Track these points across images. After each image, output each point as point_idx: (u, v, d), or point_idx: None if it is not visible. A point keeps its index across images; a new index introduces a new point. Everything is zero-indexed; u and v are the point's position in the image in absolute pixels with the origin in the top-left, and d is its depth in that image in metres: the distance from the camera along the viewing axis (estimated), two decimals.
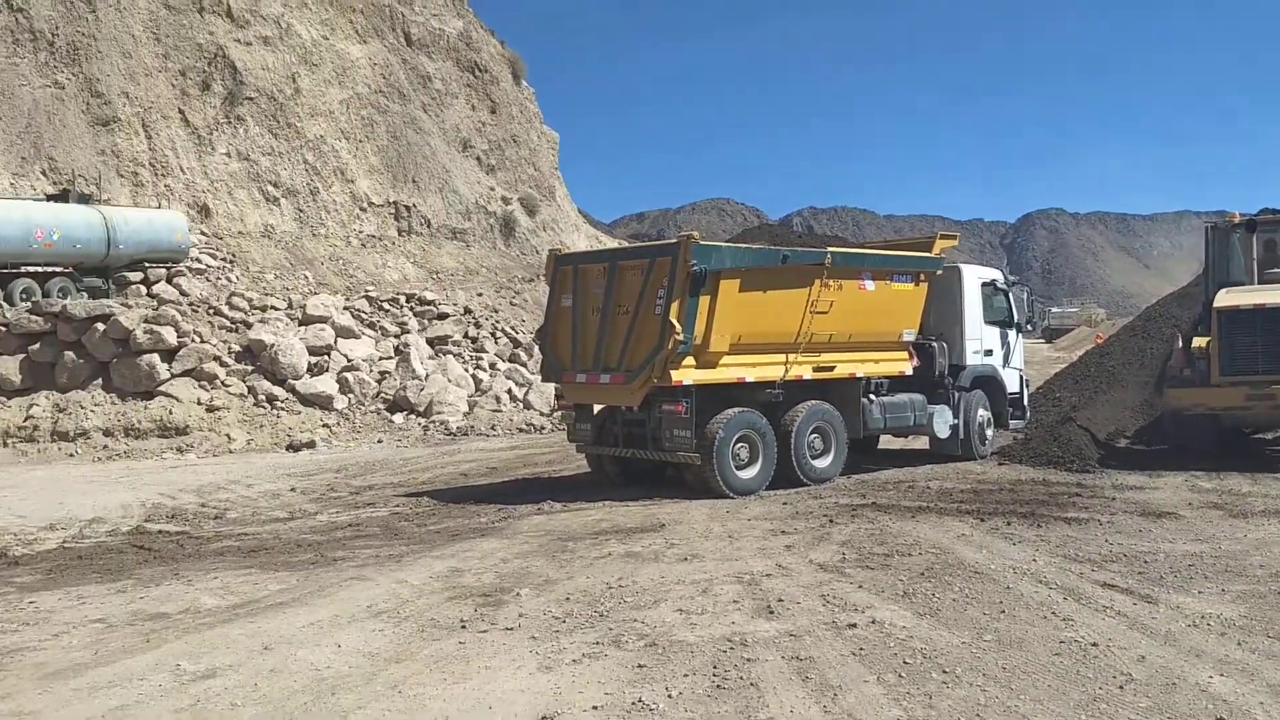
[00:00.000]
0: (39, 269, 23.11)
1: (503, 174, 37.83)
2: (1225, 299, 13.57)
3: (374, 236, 31.63)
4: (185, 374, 19.82)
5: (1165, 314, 16.61)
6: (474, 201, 35.32)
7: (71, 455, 17.83)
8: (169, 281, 25.45)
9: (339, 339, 22.46)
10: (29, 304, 21.08)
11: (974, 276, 15.40)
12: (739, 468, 12.17)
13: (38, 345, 19.72)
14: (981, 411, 15.14)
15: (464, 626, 6.66)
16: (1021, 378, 16.18)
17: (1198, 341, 13.94)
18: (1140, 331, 16.67)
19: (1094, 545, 8.76)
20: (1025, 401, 16.20)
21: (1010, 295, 15.93)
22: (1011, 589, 7.30)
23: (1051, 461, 13.90)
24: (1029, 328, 17.06)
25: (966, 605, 6.89)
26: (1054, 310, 73.76)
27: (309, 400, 20.38)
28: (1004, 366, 15.62)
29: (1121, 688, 5.24)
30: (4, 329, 19.81)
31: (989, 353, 15.36)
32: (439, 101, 36.04)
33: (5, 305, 21.20)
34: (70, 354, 19.63)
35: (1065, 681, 5.35)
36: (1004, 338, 15.67)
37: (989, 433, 15.33)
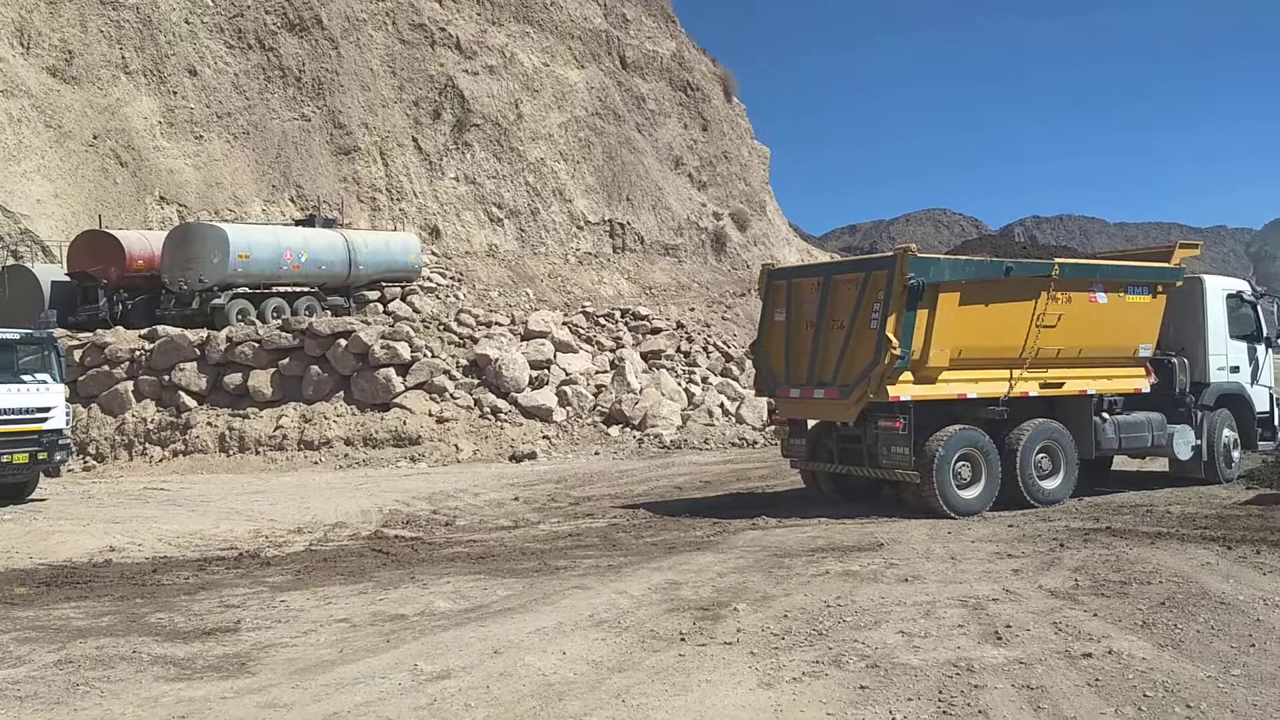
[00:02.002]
0: (288, 289, 25.10)
1: (714, 190, 38.24)
2: None
3: (590, 254, 32.69)
4: (417, 387, 21.03)
5: None
6: (685, 218, 35.88)
7: (316, 463, 19.27)
8: (403, 299, 27.13)
9: (558, 353, 23.30)
10: (279, 321, 22.87)
11: (1218, 288, 14.41)
12: (960, 487, 11.84)
13: (286, 360, 21.37)
14: (1227, 432, 14.11)
15: (683, 639, 6.79)
16: (1271, 396, 14.97)
17: None
18: None
19: None
20: (1276, 422, 14.96)
21: (1258, 308, 14.79)
22: (1262, 621, 6.80)
23: None
24: (1279, 343, 15.74)
25: (1212, 638, 6.47)
26: None
27: (530, 412, 21.23)
28: (1252, 384, 14.53)
29: None
30: (257, 345, 21.60)
31: (1235, 369, 14.32)
32: (652, 121, 36.87)
33: (258, 323, 23.09)
34: (316, 368, 21.20)
35: None
36: (1251, 353, 14.58)
37: (1235, 455, 14.26)
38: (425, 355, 21.57)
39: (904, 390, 11.59)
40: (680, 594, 8.12)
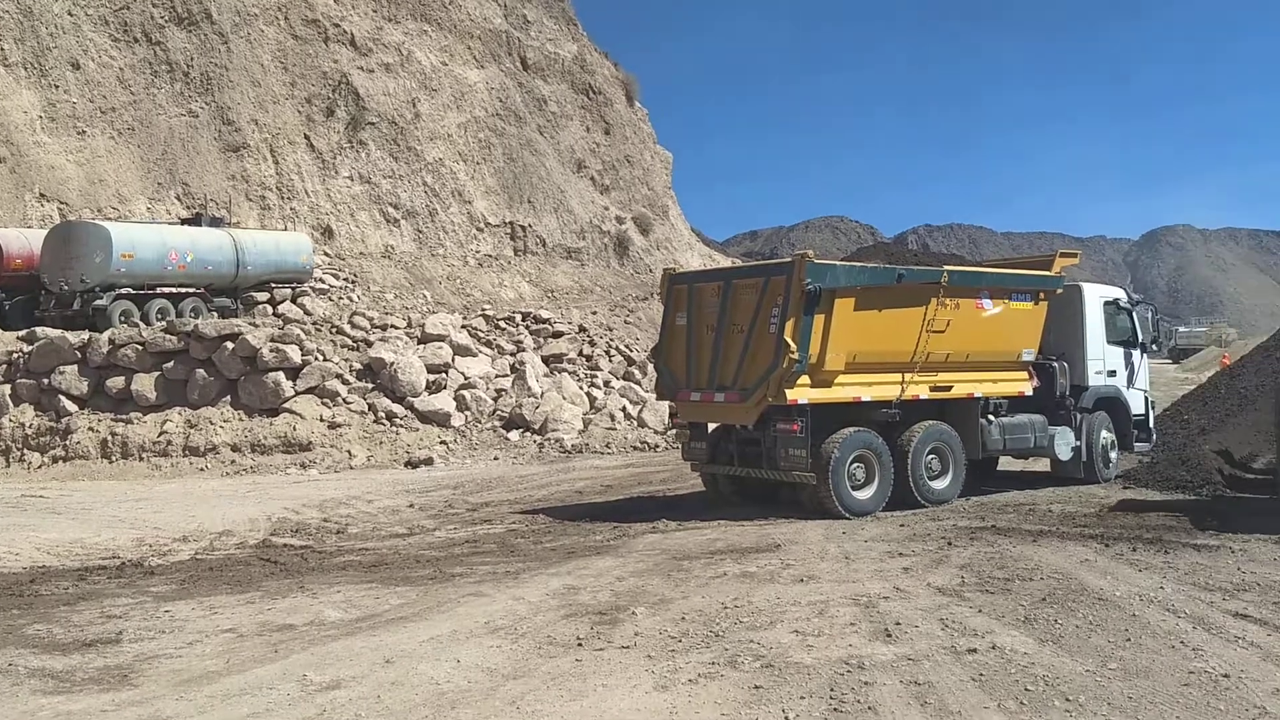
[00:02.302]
0: (173, 290, 24.30)
1: (617, 194, 38.32)
2: None
3: (490, 256, 32.40)
4: (309, 391, 20.53)
5: None
6: (588, 221, 35.88)
7: (202, 470, 18.67)
8: (294, 301, 26.48)
9: (456, 357, 23.02)
10: (164, 323, 22.10)
11: (1096, 295, 15.01)
12: (855, 488, 12.08)
13: (171, 363, 20.64)
14: (1105, 433, 14.71)
15: (580, 644, 6.77)
16: (1146, 399, 15.66)
17: None
18: (1276, 351, 15.87)
19: (1225, 573, 8.43)
20: (1151, 424, 15.66)
21: (1134, 314, 15.46)
22: (1138, 617, 7.09)
23: (1179, 486, 13.41)
24: (1154, 348, 16.49)
25: (1091, 632, 6.72)
26: (1181, 330, 70.79)
27: (427, 417, 20.93)
28: (1128, 387, 15.16)
29: None
30: (140, 347, 20.84)
31: (1112, 373, 14.93)
32: (554, 123, 36.76)
33: (142, 325, 22.29)
34: (201, 372, 20.51)
35: (1194, 713, 5.19)
36: (1128, 358, 15.21)
37: (1113, 455, 14.88)
38: (317, 359, 21.08)
39: (802, 394, 11.77)
40: (578, 599, 8.09)
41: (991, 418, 13.45)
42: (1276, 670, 5.84)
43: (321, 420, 20.12)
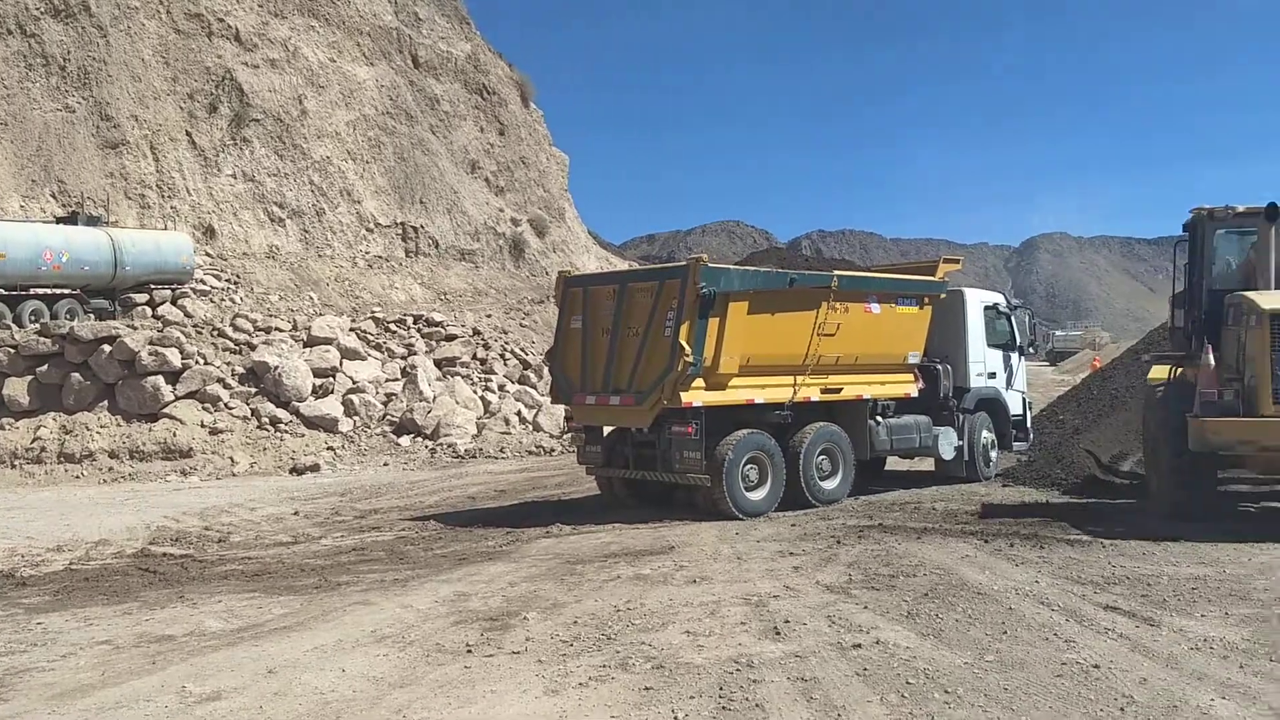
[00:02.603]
0: (48, 291, 23.26)
1: (512, 195, 38.02)
2: (1277, 300, 10.57)
3: (380, 257, 31.79)
4: (189, 396, 19.90)
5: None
6: (483, 223, 35.50)
7: (78, 477, 17.91)
8: (174, 303, 25.57)
9: (344, 361, 22.55)
10: (38, 326, 21.21)
11: (976, 300, 15.52)
12: (748, 489, 12.22)
13: (45, 367, 19.81)
14: (985, 433, 15.22)
15: (470, 651, 6.69)
16: (1024, 400, 16.25)
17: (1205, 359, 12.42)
18: (1145, 354, 16.63)
19: (1097, 567, 8.78)
20: (1028, 424, 16.27)
21: (1013, 318, 16.04)
22: (1014, 610, 7.33)
23: (1054, 483, 13.94)
24: (1031, 350, 17.15)
25: (969, 626, 6.92)
26: (1058, 333, 73.78)
27: (313, 423, 20.45)
28: (1007, 389, 15.71)
29: (1123, 710, 5.26)
30: (13, 350, 19.92)
31: (992, 375, 15.45)
32: (447, 123, 36.27)
33: (14, 327, 21.32)
34: (77, 376, 19.72)
35: (1066, 703, 5.38)
36: (1007, 360, 15.77)
37: (993, 454, 15.40)
38: (198, 362, 20.41)
39: (696, 396, 11.86)
40: (469, 605, 7.99)
41: (879, 419, 13.79)
42: (1143, 660, 6.09)
43: (203, 426, 19.49)
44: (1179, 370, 12.39)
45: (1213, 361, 10.44)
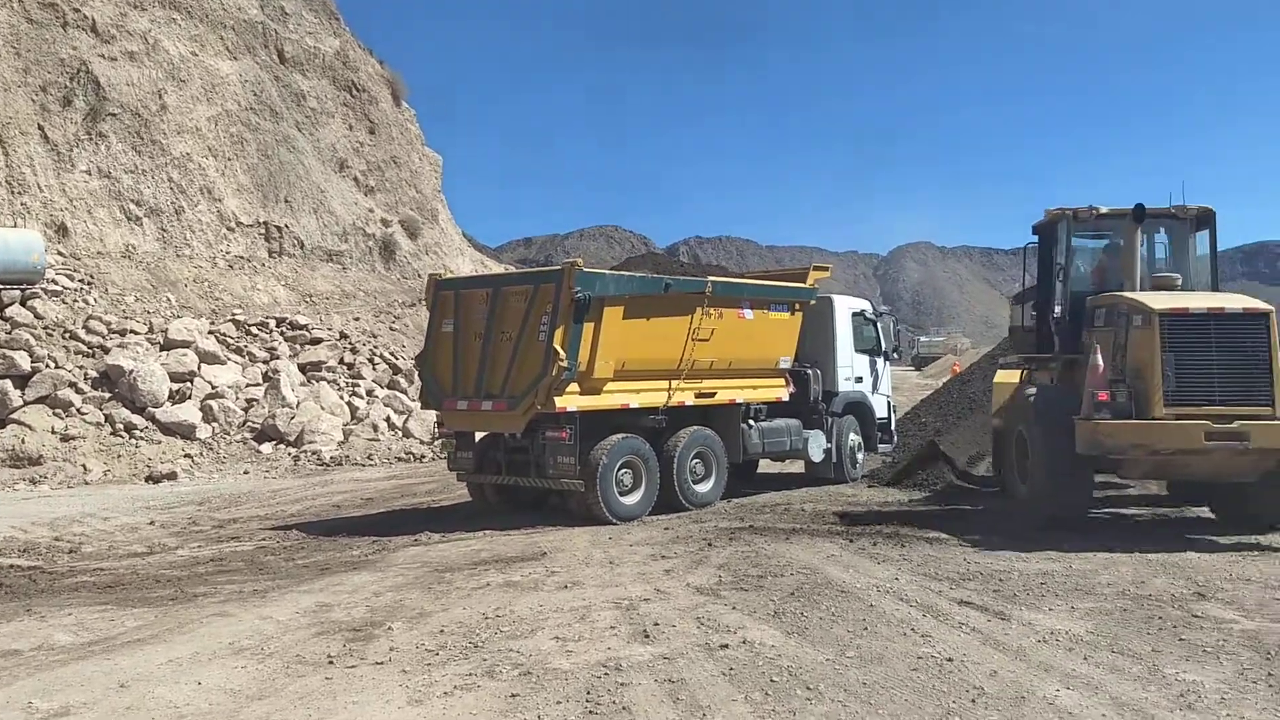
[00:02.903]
0: None
1: (382, 195, 37.18)
2: (1167, 301, 10.40)
3: (242, 258, 30.69)
4: (39, 401, 18.92)
5: None
6: (351, 223, 34.61)
7: None
8: (23, 304, 24.11)
9: (203, 365, 21.72)
10: None
11: (845, 307, 15.97)
12: (622, 494, 12.25)
13: None
14: (852, 436, 15.66)
15: (331, 662, 6.51)
16: (889, 403, 16.78)
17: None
18: (1001, 359, 17.36)
19: (953, 564, 9.11)
20: (893, 426, 16.80)
21: (879, 325, 16.55)
22: (875, 607, 7.54)
23: (917, 483, 14.42)
24: (896, 356, 17.73)
25: (833, 623, 7.08)
26: (922, 339, 76.55)
27: (170, 429, 19.63)
28: (873, 393, 16.20)
29: (974, 701, 5.46)
30: None
31: (859, 379, 15.91)
32: (314, 120, 35.24)
33: None
34: None
35: (921, 696, 5.56)
36: (873, 365, 16.27)
37: (859, 456, 15.86)
38: (48, 366, 19.38)
39: (571, 401, 11.83)
40: (331, 616, 7.78)
41: (752, 422, 14.04)
42: (994, 653, 6.34)
43: (53, 432, 18.52)
44: (1027, 373, 12.93)
45: (1101, 363, 10.16)
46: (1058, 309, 11.93)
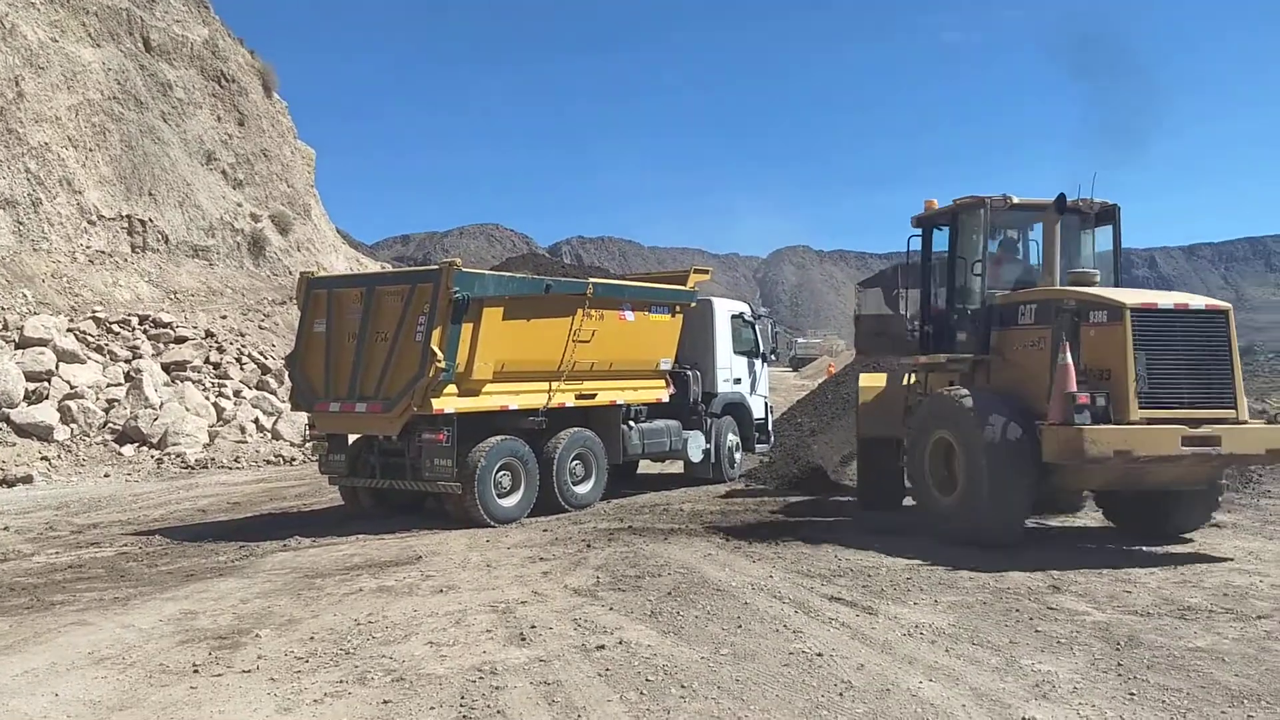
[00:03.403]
0: None
1: (252, 189, 36.00)
2: (1135, 296, 9.79)
3: (104, 253, 29.35)
4: None
5: None
6: (219, 218, 33.41)
7: None
8: None
9: (61, 364, 20.68)
10: None
11: (724, 309, 16.23)
12: (501, 496, 12.16)
13: None
14: (731, 436, 15.93)
15: (196, 671, 6.30)
16: (766, 404, 17.12)
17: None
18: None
19: (824, 561, 9.35)
20: (770, 427, 17.14)
21: (757, 327, 16.87)
22: (749, 604, 7.68)
23: (792, 483, 14.75)
24: (774, 357, 18.10)
25: (708, 622, 7.19)
26: (799, 341, 78.20)
27: (25, 431, 18.64)
28: (751, 394, 16.51)
29: (842, 695, 5.62)
30: None
31: (738, 381, 16.19)
32: (180, 111, 33.90)
33: None
34: None
35: (792, 690, 5.69)
36: (751, 367, 16.57)
37: (737, 456, 16.14)
38: None
39: (448, 403, 11.68)
40: (196, 624, 7.52)
41: (632, 424, 14.14)
42: (862, 647, 6.54)
43: None
44: (913, 376, 12.23)
45: (1072, 363, 9.34)
46: (970, 307, 11.14)
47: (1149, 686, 5.66)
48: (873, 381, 13.24)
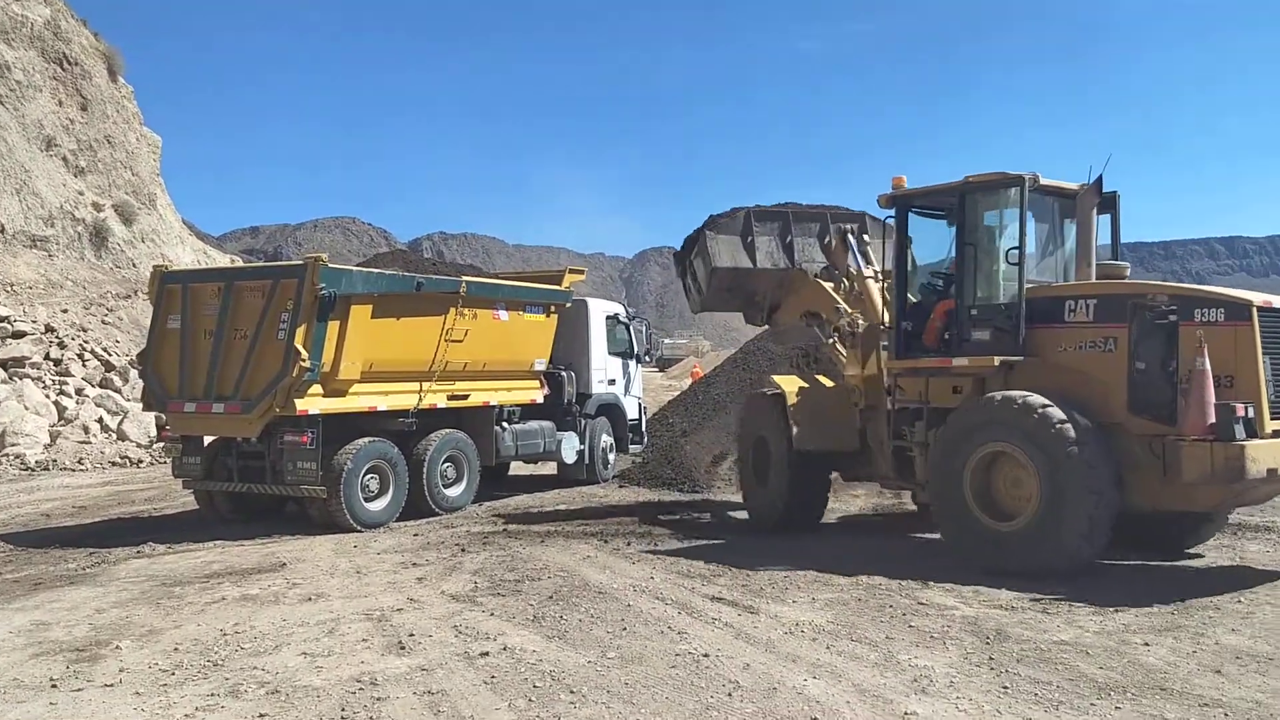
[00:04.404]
0: None
1: (94, 177, 34.06)
2: (1255, 295, 8.65)
3: None
4: None
5: (762, 348, 18.15)
6: (59, 206, 31.50)
7: None
8: None
9: None
10: None
11: (599, 310, 16.24)
12: (368, 499, 11.84)
13: None
14: (605, 437, 15.95)
15: (55, 685, 5.91)
16: (640, 405, 17.19)
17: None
18: (741, 363, 18.13)
19: (703, 561, 9.41)
20: (643, 427, 17.21)
21: (630, 328, 16.92)
22: (632, 606, 7.66)
23: (666, 483, 14.84)
24: (646, 358, 18.20)
25: (592, 625, 7.13)
26: (666, 341, 79.02)
27: None
28: (625, 394, 16.55)
29: (730, 695, 5.64)
30: None
31: (612, 382, 16.22)
32: (18, 94, 31.81)
33: None
34: None
35: (680, 692, 5.68)
36: (625, 367, 16.62)
37: (611, 457, 16.17)
38: None
39: (313, 404, 11.30)
40: (50, 635, 7.05)
41: (505, 425, 13.97)
42: (746, 647, 6.58)
43: None
44: (876, 378, 10.69)
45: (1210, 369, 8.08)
46: (997, 301, 9.65)
47: (1021, 680, 5.88)
48: (795, 385, 11.60)
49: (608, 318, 16.37)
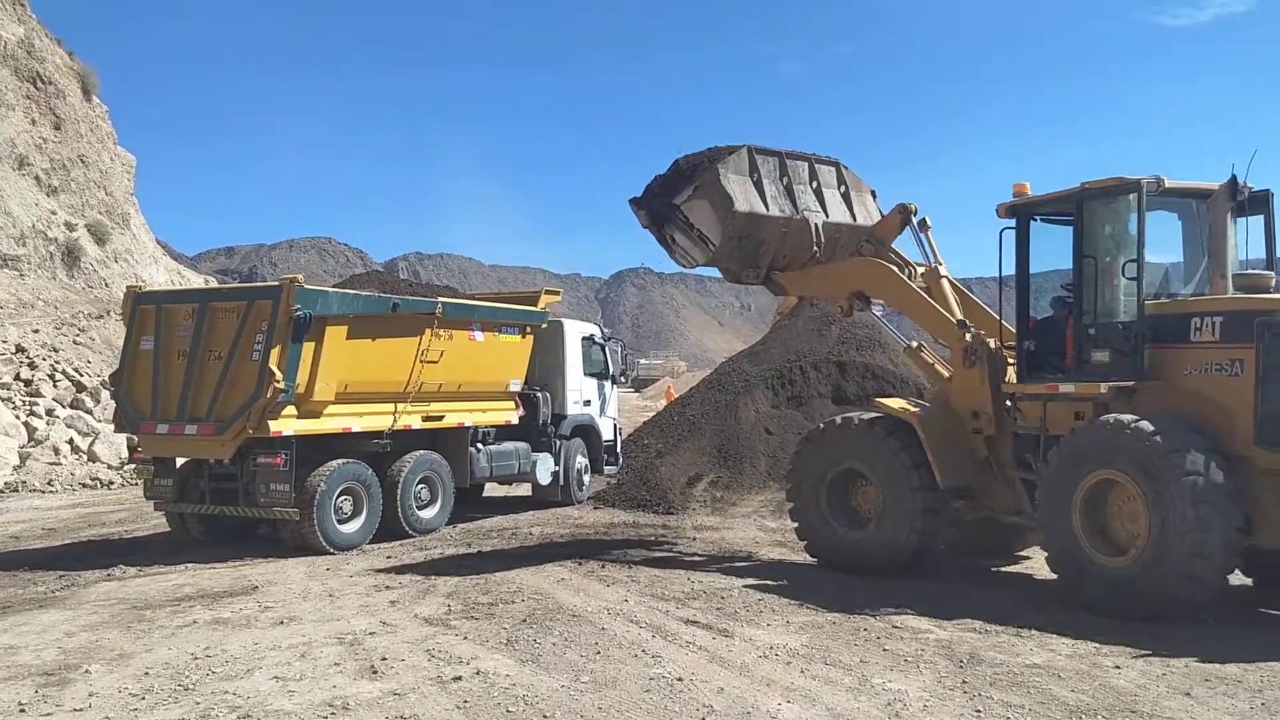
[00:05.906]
0: None
1: (67, 197, 33.80)
2: None
3: None
4: None
5: (737, 369, 18.20)
6: (30, 225, 31.21)
7: None
8: None
9: None
10: None
11: (575, 331, 16.22)
12: (341, 522, 11.76)
13: None
14: (580, 458, 15.90)
15: (23, 710, 5.86)
16: (615, 426, 17.16)
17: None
18: (716, 385, 18.17)
19: (678, 584, 9.42)
20: (619, 449, 17.18)
21: (606, 349, 16.92)
22: (606, 630, 7.65)
23: (640, 505, 14.83)
24: (622, 379, 18.19)
25: (566, 649, 7.11)
26: (642, 362, 79.08)
27: None
28: (600, 415, 16.52)
29: (704, 719, 5.64)
30: None
31: (587, 403, 16.19)
32: None
33: None
34: None
35: (655, 717, 5.68)
36: (600, 389, 16.59)
37: (586, 478, 16.12)
38: None
39: (287, 425, 11.23)
40: (19, 660, 6.97)
41: (480, 446, 13.91)
42: (720, 670, 6.59)
43: None
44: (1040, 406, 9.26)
45: None
46: (1118, 320, 8.85)
47: (994, 704, 5.91)
48: (909, 408, 10.25)
49: (583, 339, 16.36)
